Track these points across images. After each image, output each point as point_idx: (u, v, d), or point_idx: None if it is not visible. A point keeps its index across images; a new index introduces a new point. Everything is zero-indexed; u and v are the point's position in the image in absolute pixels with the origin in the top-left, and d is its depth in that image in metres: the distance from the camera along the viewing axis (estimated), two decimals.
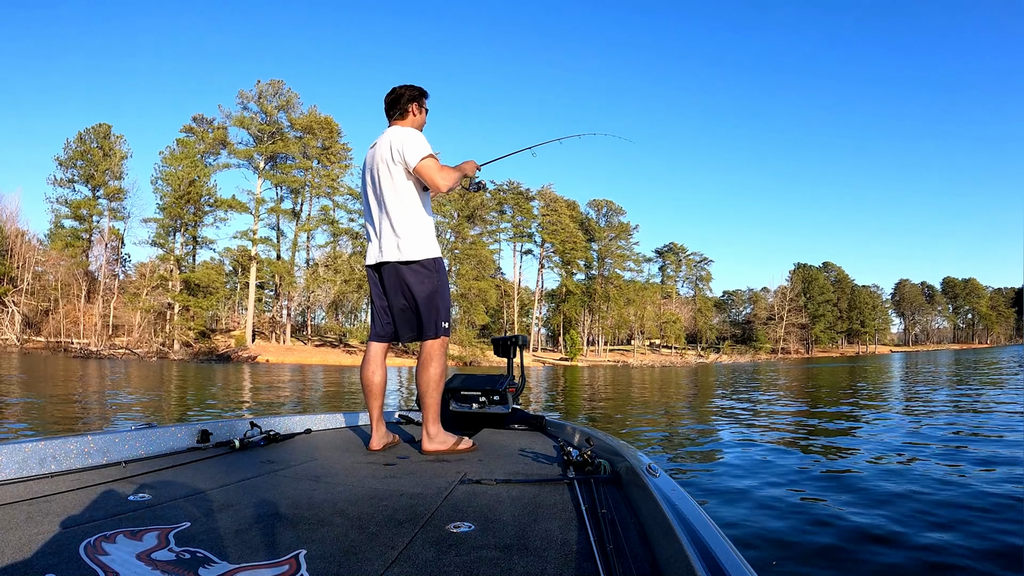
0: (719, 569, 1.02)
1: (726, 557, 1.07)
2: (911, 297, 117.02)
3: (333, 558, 1.20)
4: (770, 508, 3.87)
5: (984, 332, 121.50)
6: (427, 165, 2.59)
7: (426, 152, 2.60)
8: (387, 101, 2.81)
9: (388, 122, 2.84)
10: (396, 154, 2.62)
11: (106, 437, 2.13)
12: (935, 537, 3.26)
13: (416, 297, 2.68)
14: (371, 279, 2.83)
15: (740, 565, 1.04)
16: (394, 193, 2.66)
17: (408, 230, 2.66)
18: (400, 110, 2.78)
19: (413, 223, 2.67)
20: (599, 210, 72.13)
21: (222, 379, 20.11)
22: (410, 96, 2.79)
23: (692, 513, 1.33)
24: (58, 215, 51.26)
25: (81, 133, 50.91)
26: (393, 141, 2.64)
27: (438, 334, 2.70)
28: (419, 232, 2.68)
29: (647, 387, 18.99)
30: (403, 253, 2.66)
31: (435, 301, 2.70)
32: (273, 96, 50.87)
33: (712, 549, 1.11)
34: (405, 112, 2.79)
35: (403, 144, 2.61)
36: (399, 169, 2.64)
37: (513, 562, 1.19)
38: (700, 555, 1.04)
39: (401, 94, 2.79)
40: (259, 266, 51.03)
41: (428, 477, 2.02)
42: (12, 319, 45.32)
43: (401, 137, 2.64)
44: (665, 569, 1.12)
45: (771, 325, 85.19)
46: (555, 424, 3.13)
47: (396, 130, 2.71)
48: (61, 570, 1.11)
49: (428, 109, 2.89)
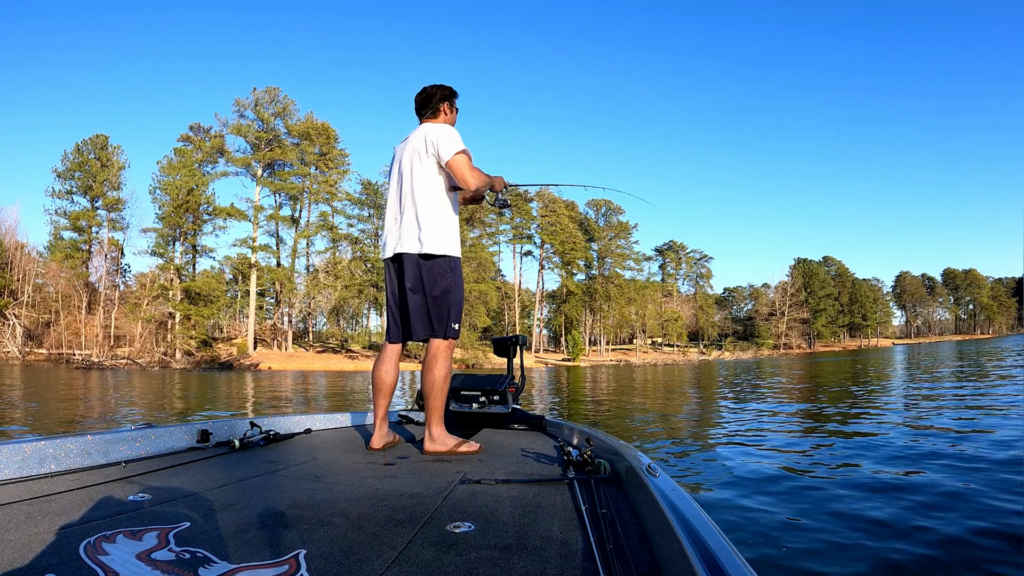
0: (719, 569, 1.02)
1: (726, 557, 1.07)
2: (912, 289, 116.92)
3: (333, 558, 1.20)
4: (771, 508, 3.86)
5: (986, 322, 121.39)
6: (461, 160, 2.62)
7: (461, 147, 2.64)
8: (418, 100, 2.84)
9: (419, 121, 2.86)
10: (430, 146, 2.64)
11: (106, 437, 2.13)
12: (944, 532, 3.26)
13: (429, 293, 2.65)
14: (387, 272, 2.80)
15: (740, 565, 1.04)
16: (423, 186, 2.66)
17: (432, 224, 2.65)
18: (432, 109, 2.82)
19: (438, 218, 2.67)
20: (598, 210, 72.14)
21: (225, 387, 20.12)
22: (442, 95, 2.83)
23: (692, 513, 1.33)
24: (57, 227, 51.27)
25: (79, 144, 50.93)
26: (428, 134, 2.66)
27: (446, 335, 2.67)
28: (443, 228, 2.68)
29: (650, 386, 18.97)
30: (424, 246, 2.64)
31: (448, 300, 2.67)
32: (270, 103, 50.91)
33: (712, 549, 1.11)
34: (437, 111, 2.82)
35: (438, 137, 2.64)
36: (431, 162, 2.66)
37: (513, 562, 1.19)
38: (700, 555, 1.04)
39: (433, 93, 2.82)
40: (259, 273, 51.03)
41: (428, 477, 2.02)
42: (14, 332, 45.33)
43: (437, 131, 2.66)
44: (665, 569, 1.12)
45: (773, 321, 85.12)
46: (555, 424, 3.13)
47: (431, 125, 2.73)
48: (61, 570, 1.11)
49: (458, 109, 2.91)
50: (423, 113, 2.84)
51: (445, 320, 2.66)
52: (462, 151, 2.63)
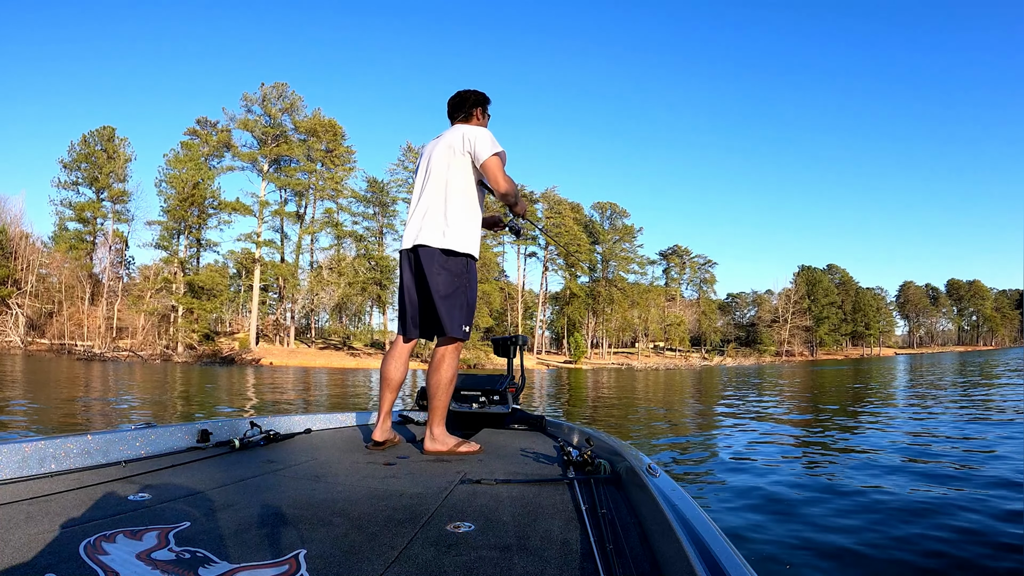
0: (719, 569, 1.02)
1: (726, 557, 1.06)
2: (915, 299, 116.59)
3: (333, 558, 1.20)
4: (772, 508, 3.85)
5: (989, 334, 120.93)
6: (496, 162, 2.64)
7: (498, 149, 2.66)
8: (451, 103, 2.88)
9: (450, 123, 2.90)
10: (467, 143, 2.65)
11: (106, 437, 2.13)
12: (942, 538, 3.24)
13: (442, 291, 2.61)
14: (402, 265, 2.77)
15: (740, 565, 1.03)
16: (454, 183, 2.66)
17: (457, 220, 2.64)
18: (465, 113, 2.85)
19: (464, 215, 2.67)
20: (603, 212, 72.11)
21: (226, 382, 20.15)
22: (475, 100, 2.86)
23: (692, 513, 1.33)
24: (62, 218, 51.48)
25: (85, 136, 51.14)
26: (466, 133, 2.67)
27: (455, 335, 2.64)
28: (467, 226, 2.67)
29: (651, 390, 18.95)
30: (447, 240, 2.62)
31: (460, 300, 2.64)
32: (277, 99, 51.01)
33: (712, 549, 1.11)
34: (470, 115, 2.86)
35: (476, 137, 2.65)
36: (466, 160, 2.67)
37: (513, 562, 1.19)
38: (700, 555, 1.04)
39: (467, 97, 2.86)
40: (263, 269, 51.10)
41: (428, 477, 2.02)
42: (16, 321, 45.50)
43: (475, 131, 2.68)
44: (665, 569, 1.12)
45: (775, 328, 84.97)
46: (555, 424, 3.12)
47: (468, 126, 2.74)
48: (61, 570, 1.10)
49: (490, 115, 2.94)
50: (455, 116, 2.87)
51: (457, 320, 2.63)
52: (498, 153, 2.65)
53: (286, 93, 51.40)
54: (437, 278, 2.62)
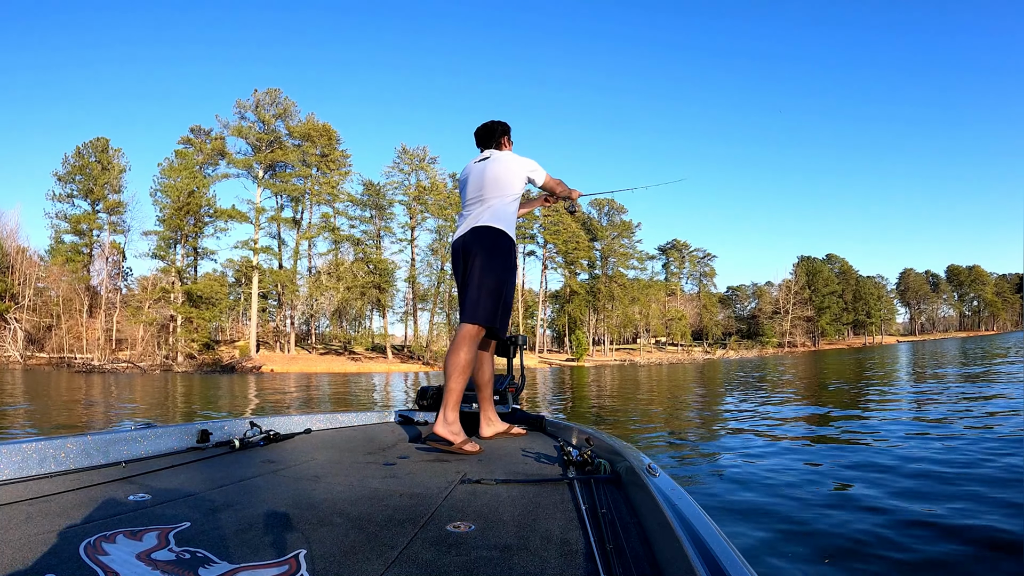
0: (719, 569, 1.01)
1: (726, 557, 1.06)
2: (916, 286, 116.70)
3: (333, 558, 1.19)
4: (773, 508, 3.84)
5: (990, 319, 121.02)
6: (551, 179, 3.23)
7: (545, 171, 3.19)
8: (480, 133, 3.25)
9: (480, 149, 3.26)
10: (523, 167, 3.06)
11: (106, 437, 2.13)
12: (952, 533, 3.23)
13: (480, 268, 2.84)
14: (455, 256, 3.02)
15: (740, 565, 1.02)
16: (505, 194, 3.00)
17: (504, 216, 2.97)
18: (496, 142, 3.22)
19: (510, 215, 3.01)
20: (601, 209, 72.20)
21: (227, 389, 20.16)
22: (502, 130, 3.25)
23: (692, 513, 1.32)
24: (58, 230, 51.47)
25: (79, 147, 51.15)
26: (521, 160, 3.09)
27: (477, 319, 2.81)
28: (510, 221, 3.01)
29: (655, 385, 18.97)
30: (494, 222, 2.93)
31: (492, 282, 2.85)
32: (270, 105, 50.99)
33: (712, 549, 1.10)
34: (500, 144, 3.23)
35: (532, 165, 3.10)
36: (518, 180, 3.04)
37: (513, 562, 1.19)
38: (700, 555, 1.03)
39: (495, 128, 3.24)
40: (261, 275, 51.07)
41: (428, 477, 2.02)
42: (15, 336, 45.47)
43: (526, 160, 3.11)
44: (665, 569, 1.12)
45: (777, 319, 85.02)
46: (555, 424, 3.12)
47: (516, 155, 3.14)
48: (61, 570, 1.10)
49: (513, 142, 3.32)
50: (486, 143, 3.23)
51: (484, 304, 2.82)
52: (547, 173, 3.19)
53: (279, 99, 51.40)
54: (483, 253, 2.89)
